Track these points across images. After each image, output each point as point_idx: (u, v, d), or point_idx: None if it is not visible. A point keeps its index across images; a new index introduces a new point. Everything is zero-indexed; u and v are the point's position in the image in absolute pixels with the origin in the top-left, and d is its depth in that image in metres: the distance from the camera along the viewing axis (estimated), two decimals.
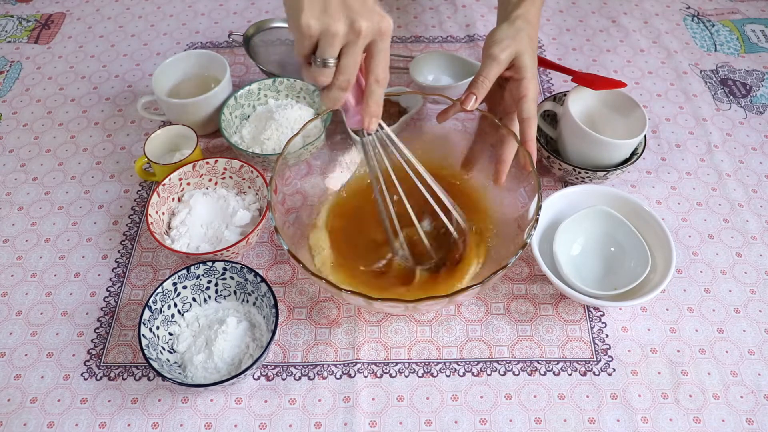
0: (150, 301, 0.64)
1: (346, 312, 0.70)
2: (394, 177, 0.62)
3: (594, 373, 0.66)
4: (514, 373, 0.66)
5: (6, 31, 1.05)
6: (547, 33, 1.03)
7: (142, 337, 0.62)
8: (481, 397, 0.64)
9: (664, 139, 0.87)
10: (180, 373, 0.63)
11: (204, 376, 0.63)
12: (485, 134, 0.71)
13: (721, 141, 0.87)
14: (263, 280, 0.65)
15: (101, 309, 0.71)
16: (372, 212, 0.68)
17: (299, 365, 0.67)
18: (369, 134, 0.59)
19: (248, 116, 0.86)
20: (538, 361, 0.67)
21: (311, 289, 0.72)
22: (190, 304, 0.68)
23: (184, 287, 0.67)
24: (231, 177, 0.78)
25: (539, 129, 0.81)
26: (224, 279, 0.68)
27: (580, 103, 0.79)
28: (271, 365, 0.67)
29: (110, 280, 0.73)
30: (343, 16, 0.49)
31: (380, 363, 0.67)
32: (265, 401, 0.64)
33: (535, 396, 0.64)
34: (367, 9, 0.50)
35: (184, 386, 0.60)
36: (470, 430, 0.62)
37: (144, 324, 0.63)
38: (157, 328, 0.65)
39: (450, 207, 0.66)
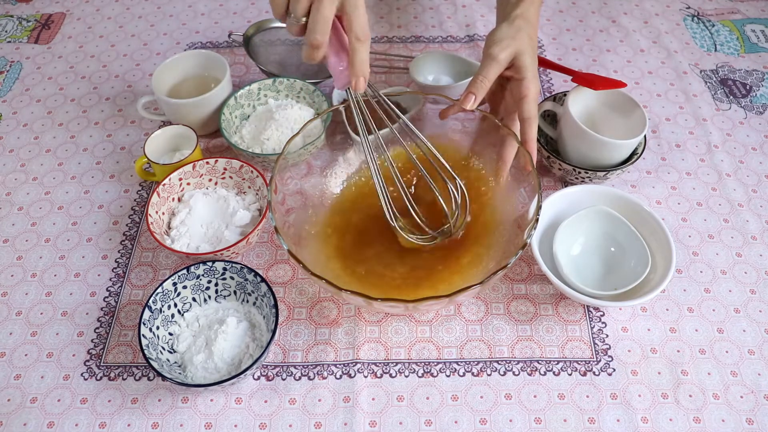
0: (150, 301, 0.64)
1: (346, 312, 0.70)
2: (383, 145, 0.64)
3: (594, 373, 0.66)
4: (514, 373, 0.66)
5: (6, 31, 1.05)
6: (547, 33, 1.03)
7: (142, 337, 0.62)
8: (481, 397, 0.64)
9: (664, 139, 0.87)
10: (180, 373, 0.63)
11: (204, 376, 0.63)
12: (486, 134, 0.71)
13: (721, 141, 0.87)
14: (263, 280, 0.65)
15: (101, 309, 0.71)
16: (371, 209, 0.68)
17: (299, 365, 0.67)
18: (357, 95, 0.61)
19: (248, 116, 0.86)
20: (538, 361, 0.67)
21: (311, 289, 0.72)
22: (190, 304, 0.68)
23: (184, 287, 0.67)
24: (231, 177, 0.78)
25: (539, 129, 0.81)
26: (224, 279, 0.68)
27: (580, 103, 0.79)
28: (271, 365, 0.67)
29: (110, 280, 0.73)
30: None
31: (380, 363, 0.67)
32: (265, 401, 0.64)
33: (535, 396, 0.64)
34: None
35: (184, 386, 0.60)
36: (470, 430, 0.62)
37: (144, 324, 0.63)
38: (157, 328, 0.65)
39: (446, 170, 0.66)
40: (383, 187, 0.64)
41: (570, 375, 0.66)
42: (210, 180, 0.78)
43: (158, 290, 0.65)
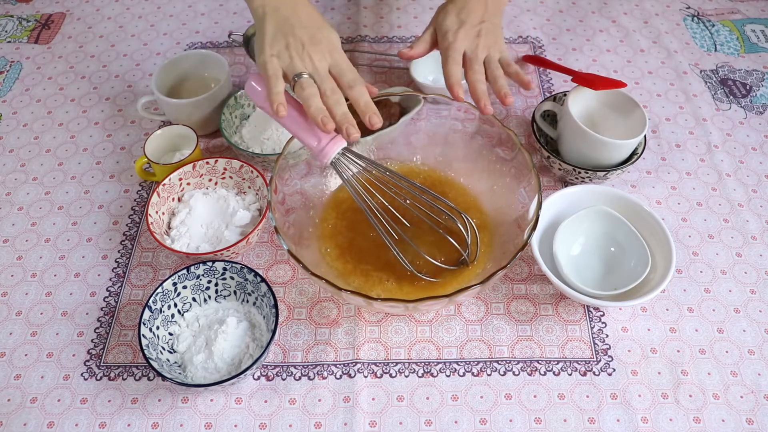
0: (150, 301, 0.64)
1: (346, 312, 0.70)
2: (379, 195, 0.65)
3: (594, 373, 0.66)
4: (514, 373, 0.66)
5: (6, 31, 1.04)
6: (547, 33, 1.03)
7: (142, 337, 0.62)
8: (481, 397, 0.64)
9: (664, 139, 0.87)
10: (180, 373, 0.63)
11: (204, 376, 0.63)
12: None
13: (721, 141, 0.87)
14: (263, 280, 0.65)
15: (101, 309, 0.71)
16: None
17: (299, 365, 0.67)
18: (343, 157, 0.62)
19: (248, 116, 0.86)
20: (538, 361, 0.67)
21: (311, 289, 0.72)
22: (190, 304, 0.68)
23: (184, 287, 0.67)
24: (231, 177, 0.78)
25: (539, 129, 0.81)
26: (224, 279, 0.68)
27: (580, 103, 0.79)
28: (271, 365, 0.67)
29: (110, 280, 0.73)
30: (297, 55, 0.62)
31: (380, 363, 0.67)
32: (265, 401, 0.64)
33: (535, 396, 0.64)
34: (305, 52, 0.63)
35: (184, 386, 0.60)
36: (470, 430, 0.62)
37: (144, 324, 0.63)
38: (157, 328, 0.65)
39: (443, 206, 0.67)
40: (394, 245, 0.64)
41: (570, 375, 0.66)
42: (210, 180, 0.78)
43: (158, 290, 0.65)
